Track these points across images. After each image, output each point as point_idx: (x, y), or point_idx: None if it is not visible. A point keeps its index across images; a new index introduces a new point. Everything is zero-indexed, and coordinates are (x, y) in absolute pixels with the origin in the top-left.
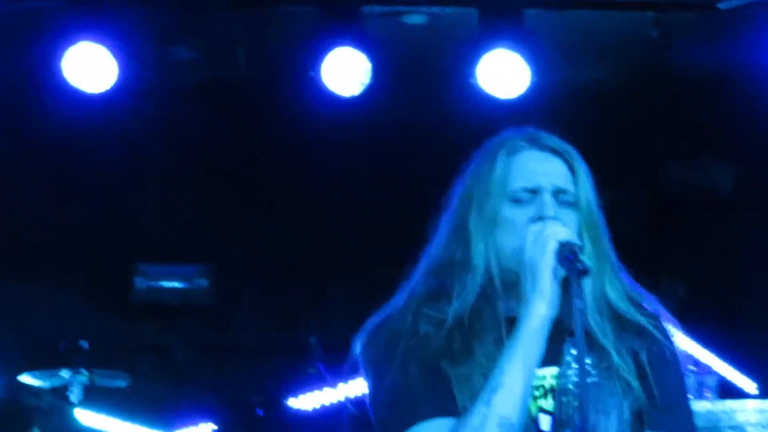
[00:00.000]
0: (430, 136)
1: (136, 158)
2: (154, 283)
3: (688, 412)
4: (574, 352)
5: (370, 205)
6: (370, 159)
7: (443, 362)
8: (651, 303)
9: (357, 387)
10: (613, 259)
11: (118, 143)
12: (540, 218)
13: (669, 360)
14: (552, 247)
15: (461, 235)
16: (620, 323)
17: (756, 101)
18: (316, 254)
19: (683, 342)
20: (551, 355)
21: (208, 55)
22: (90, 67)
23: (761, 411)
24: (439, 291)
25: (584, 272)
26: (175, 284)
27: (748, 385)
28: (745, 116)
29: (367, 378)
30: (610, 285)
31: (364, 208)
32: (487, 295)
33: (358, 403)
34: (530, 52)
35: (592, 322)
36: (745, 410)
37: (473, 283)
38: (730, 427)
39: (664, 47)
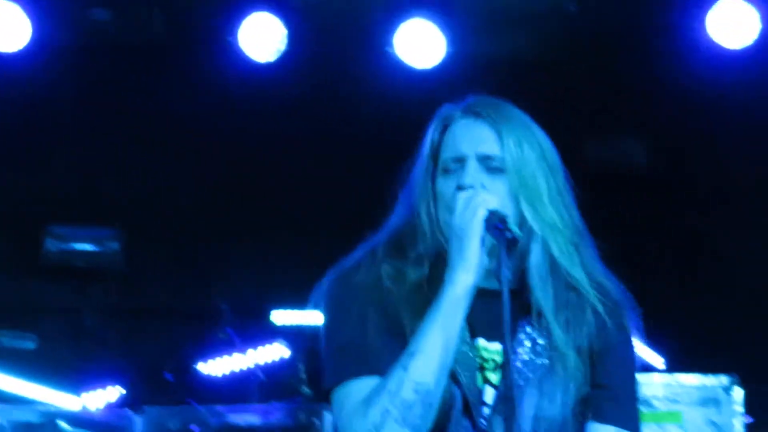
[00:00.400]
0: (345, 103)
1: (49, 119)
2: (65, 246)
3: (635, 406)
4: (528, 330)
5: (283, 171)
6: (284, 125)
7: (405, 317)
8: (617, 290)
9: (266, 354)
10: (567, 225)
11: (32, 104)
12: (460, 187)
13: (621, 350)
14: (481, 215)
15: (412, 207)
16: (579, 300)
17: (674, 76)
18: (228, 220)
19: None
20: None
21: (124, 17)
22: (4, 26)
23: (668, 385)
24: (400, 254)
25: (513, 242)
26: (87, 247)
27: (656, 359)
28: (663, 91)
29: (323, 324)
30: (560, 252)
31: (278, 174)
32: (444, 261)
33: (267, 369)
34: (447, 22)
35: (541, 296)
36: (652, 384)
37: (426, 253)
38: None
39: (582, 20)
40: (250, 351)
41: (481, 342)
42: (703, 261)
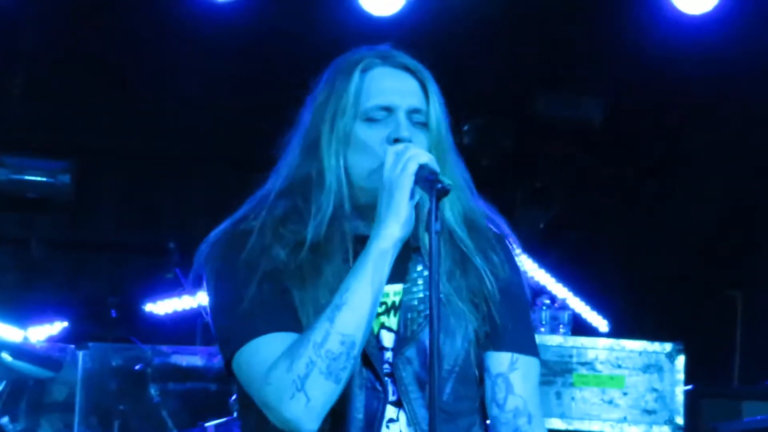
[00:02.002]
0: (302, 47)
1: (4, 48)
2: (16, 176)
3: (530, 333)
4: (419, 268)
5: (239, 110)
6: (239, 66)
7: (293, 286)
8: (498, 225)
9: None
10: (458, 183)
11: None
12: (396, 140)
13: (512, 284)
14: (412, 168)
15: (314, 154)
16: (471, 244)
17: (635, 39)
18: (181, 159)
19: (538, 275)
20: (395, 273)
21: None
22: None
23: (611, 349)
24: (294, 212)
25: (445, 192)
26: (38, 178)
27: (600, 322)
28: (622, 53)
29: (213, 289)
30: (450, 208)
31: (233, 112)
32: (338, 215)
33: None
34: None
35: (441, 243)
36: (596, 347)
37: (328, 203)
38: (581, 363)
39: None
40: (198, 292)
41: None
42: (652, 224)
